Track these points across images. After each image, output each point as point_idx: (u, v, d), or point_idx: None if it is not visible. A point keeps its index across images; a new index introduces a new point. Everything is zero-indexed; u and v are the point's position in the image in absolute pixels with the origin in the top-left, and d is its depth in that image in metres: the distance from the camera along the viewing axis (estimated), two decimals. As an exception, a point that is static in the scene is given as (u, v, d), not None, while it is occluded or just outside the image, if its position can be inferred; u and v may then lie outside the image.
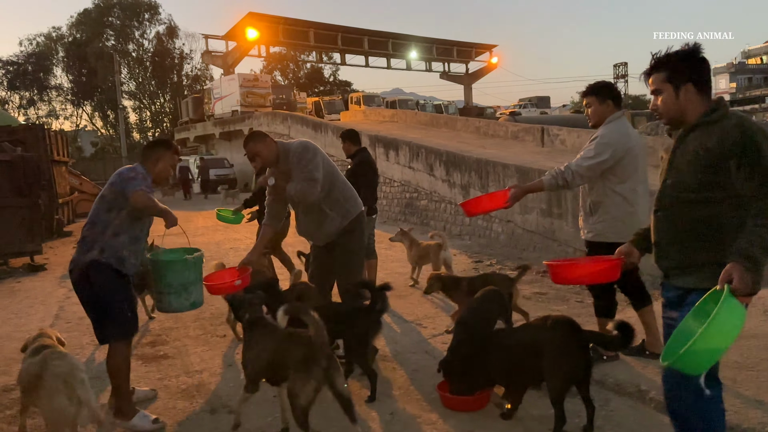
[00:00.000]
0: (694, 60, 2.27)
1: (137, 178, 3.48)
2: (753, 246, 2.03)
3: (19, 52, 47.34)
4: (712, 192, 2.21)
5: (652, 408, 3.43)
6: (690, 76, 2.26)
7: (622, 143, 3.77)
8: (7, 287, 8.07)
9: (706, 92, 2.28)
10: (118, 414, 3.51)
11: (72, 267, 3.53)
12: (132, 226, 3.55)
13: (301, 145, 4.18)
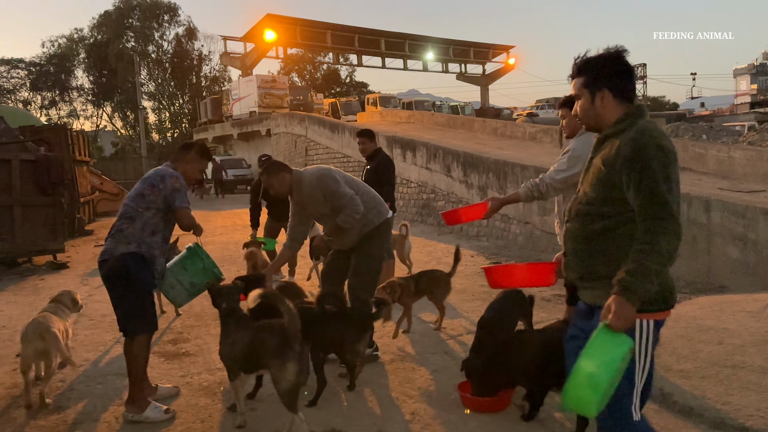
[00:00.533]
0: (612, 66, 2.19)
1: (182, 191, 3.66)
2: (631, 275, 1.95)
3: (42, 54, 48.12)
4: (610, 206, 2.14)
5: (676, 412, 3.40)
6: (607, 83, 2.18)
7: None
8: (31, 284, 8.20)
9: (626, 99, 2.20)
10: (131, 406, 3.57)
11: (106, 257, 3.58)
12: (165, 228, 3.71)
13: (316, 176, 4.22)
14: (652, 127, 2.09)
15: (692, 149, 11.09)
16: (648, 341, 2.07)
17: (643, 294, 1.94)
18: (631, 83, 2.20)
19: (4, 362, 4.79)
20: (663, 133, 2.09)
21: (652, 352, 2.10)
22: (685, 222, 6.65)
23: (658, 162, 1.99)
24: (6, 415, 3.72)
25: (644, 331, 2.06)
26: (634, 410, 2.10)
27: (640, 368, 2.08)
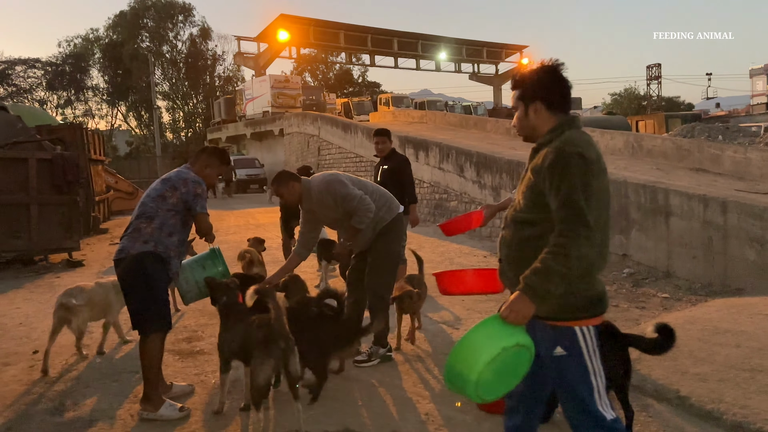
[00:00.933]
0: (545, 79, 2.25)
1: (203, 196, 3.74)
2: (534, 274, 2.03)
3: (58, 54, 48.59)
4: (538, 214, 2.18)
5: (692, 415, 3.37)
6: (540, 95, 2.24)
7: None
8: (47, 282, 8.28)
9: (559, 111, 2.25)
10: (146, 404, 3.60)
11: (123, 255, 3.61)
12: (183, 230, 3.75)
13: (325, 182, 4.30)
14: (578, 137, 2.16)
15: (708, 150, 10.98)
16: (593, 344, 2.15)
17: (544, 294, 2.02)
18: (564, 95, 2.26)
19: (21, 359, 4.84)
20: (589, 143, 2.16)
21: (599, 355, 2.17)
22: (701, 223, 6.59)
23: (577, 170, 2.05)
24: (23, 412, 3.76)
25: (586, 337, 2.14)
26: (603, 410, 2.14)
27: (593, 370, 2.15)
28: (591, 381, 2.14)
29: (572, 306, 2.14)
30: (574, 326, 2.13)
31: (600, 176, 2.13)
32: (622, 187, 7.72)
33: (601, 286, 2.22)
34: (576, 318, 2.14)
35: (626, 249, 7.62)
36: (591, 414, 2.15)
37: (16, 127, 10.20)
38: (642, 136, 13.02)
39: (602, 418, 2.14)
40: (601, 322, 2.22)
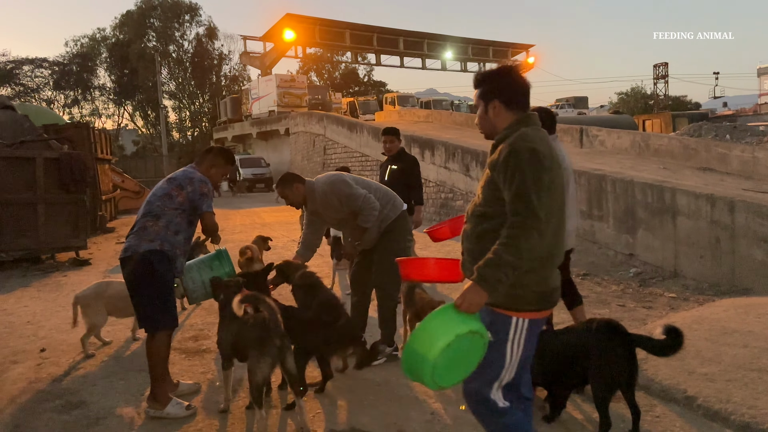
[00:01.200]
0: (503, 79, 2.34)
1: (209, 196, 3.76)
2: (486, 265, 2.11)
3: (65, 53, 48.81)
4: (494, 207, 2.26)
5: (700, 415, 3.35)
6: (498, 94, 2.33)
7: None
8: (54, 281, 8.32)
9: (518, 108, 2.33)
10: (153, 402, 3.62)
11: (129, 254, 3.61)
12: (188, 229, 3.76)
13: (329, 183, 4.33)
14: (533, 133, 2.25)
15: (715, 149, 10.93)
16: (520, 337, 2.23)
17: (495, 284, 2.10)
18: (521, 94, 2.34)
19: (29, 357, 4.87)
20: (543, 139, 2.25)
21: (524, 350, 2.25)
22: (709, 223, 6.55)
23: (529, 164, 2.13)
24: (31, 409, 3.78)
25: (518, 328, 2.23)
26: (495, 398, 2.26)
27: (507, 361, 2.25)
28: (500, 370, 2.25)
29: (519, 297, 2.21)
30: (513, 316, 2.22)
31: (553, 171, 2.19)
32: (629, 186, 7.69)
33: (555, 282, 2.29)
34: (518, 309, 2.22)
35: (633, 248, 7.60)
36: (483, 395, 2.28)
37: (23, 127, 10.25)
38: (649, 136, 12.97)
39: (494, 405, 2.27)
40: (541, 318, 2.28)
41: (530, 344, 2.28)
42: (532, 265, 2.15)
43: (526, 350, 2.27)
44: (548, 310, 2.30)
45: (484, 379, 2.26)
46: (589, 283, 7.00)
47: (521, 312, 2.22)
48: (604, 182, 8.17)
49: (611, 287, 6.74)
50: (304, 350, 3.77)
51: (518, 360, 2.26)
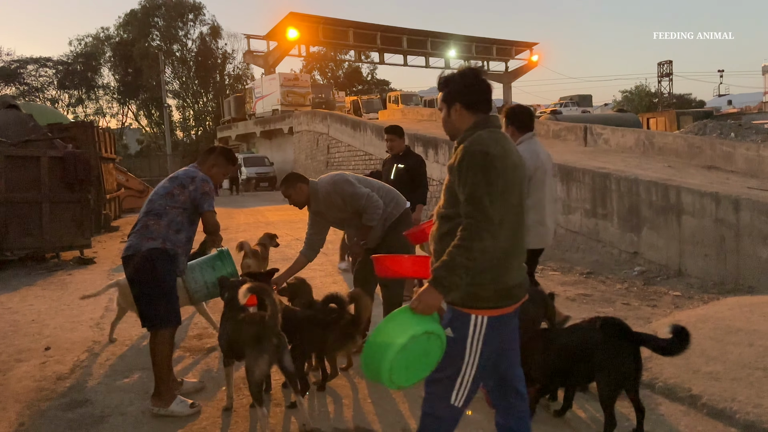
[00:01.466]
0: (464, 83, 2.39)
1: (211, 195, 3.77)
2: (441, 266, 2.17)
3: (69, 53, 48.93)
4: (453, 209, 2.30)
5: (704, 414, 3.34)
6: (459, 97, 2.37)
7: (532, 163, 4.12)
8: (59, 279, 8.34)
9: (479, 111, 2.38)
10: (157, 400, 3.62)
11: (131, 252, 3.62)
12: (190, 228, 3.76)
13: (331, 183, 4.35)
14: (488, 136, 2.28)
15: (720, 147, 10.89)
16: (480, 335, 2.26)
17: (449, 285, 2.15)
18: (482, 97, 2.39)
19: (33, 355, 4.88)
20: (497, 141, 2.28)
21: (483, 347, 2.27)
22: (714, 221, 6.54)
23: (482, 167, 2.18)
24: (36, 408, 3.79)
25: (477, 326, 2.25)
26: (455, 395, 2.29)
27: (468, 358, 2.27)
28: (461, 367, 2.28)
29: (477, 295, 2.25)
30: (471, 314, 2.25)
31: (507, 173, 2.23)
32: (633, 185, 7.67)
33: (515, 280, 2.31)
34: (476, 307, 2.25)
35: (637, 247, 7.58)
36: (442, 393, 2.30)
37: (27, 126, 10.27)
38: (653, 134, 12.93)
39: (447, 399, 2.29)
40: (501, 314, 2.30)
41: (493, 341, 2.30)
42: (489, 264, 2.21)
43: (488, 347, 2.29)
44: (510, 307, 2.32)
45: (446, 374, 2.30)
46: (594, 281, 6.99)
47: (479, 309, 2.26)
48: (608, 181, 8.15)
49: (616, 286, 6.72)
50: (302, 349, 3.77)
51: (479, 357, 2.28)
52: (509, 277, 2.29)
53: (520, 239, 2.34)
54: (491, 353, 2.33)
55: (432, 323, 2.20)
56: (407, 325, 2.17)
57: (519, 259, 2.34)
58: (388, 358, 2.15)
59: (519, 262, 2.34)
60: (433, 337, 2.20)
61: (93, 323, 5.81)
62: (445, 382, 2.30)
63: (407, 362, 2.18)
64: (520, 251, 2.36)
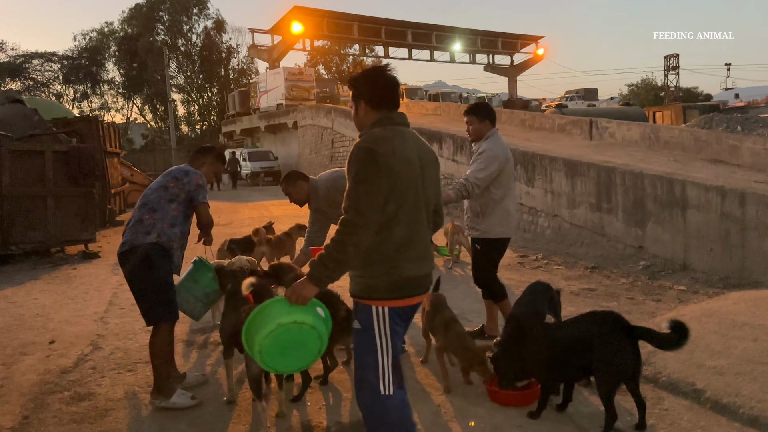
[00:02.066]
0: (368, 81, 2.47)
1: (203, 187, 3.81)
2: (318, 260, 2.26)
3: (74, 47, 49.01)
4: None
5: (708, 408, 3.33)
6: (364, 95, 2.46)
7: (503, 155, 4.38)
8: (64, 274, 8.37)
9: (384, 108, 2.44)
10: (157, 393, 3.64)
11: (127, 248, 3.62)
12: (185, 222, 3.77)
13: (332, 179, 4.44)
14: (379, 133, 2.35)
15: (726, 141, 10.81)
16: (384, 324, 2.33)
17: (322, 278, 2.25)
18: (386, 95, 2.45)
19: (38, 349, 4.90)
20: (388, 139, 2.32)
21: (392, 336, 2.34)
22: (719, 215, 6.50)
23: (362, 164, 2.26)
24: (40, 401, 3.81)
25: (379, 316, 2.33)
26: (382, 385, 2.33)
27: (380, 346, 2.33)
28: (377, 355, 2.33)
29: (373, 287, 2.33)
30: (372, 305, 2.33)
31: (397, 171, 2.27)
32: (639, 179, 7.63)
33: (411, 272, 2.36)
34: (374, 298, 2.33)
35: (642, 241, 7.55)
36: (369, 382, 2.34)
37: (32, 120, 10.30)
38: (659, 128, 12.85)
39: (377, 391, 2.33)
40: (401, 306, 2.36)
41: (397, 330, 2.37)
42: (380, 257, 2.30)
43: (397, 335, 2.37)
44: (409, 299, 2.38)
45: (367, 365, 2.36)
46: (598, 276, 6.96)
47: (376, 301, 2.33)
48: (613, 175, 8.11)
49: (620, 280, 6.70)
50: None
51: (391, 345, 2.34)
52: (405, 270, 2.34)
53: (417, 233, 2.38)
54: (399, 341, 2.40)
55: (305, 315, 2.32)
56: (278, 314, 2.31)
57: (416, 252, 2.37)
58: (257, 341, 2.32)
59: (417, 255, 2.37)
60: (306, 328, 2.33)
61: (97, 317, 5.83)
62: (370, 376, 2.35)
63: (280, 348, 2.34)
64: (418, 245, 2.38)
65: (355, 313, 2.40)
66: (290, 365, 2.45)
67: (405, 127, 2.46)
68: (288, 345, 2.35)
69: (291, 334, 2.33)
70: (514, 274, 7.17)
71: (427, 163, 2.45)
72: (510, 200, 4.48)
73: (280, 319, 2.31)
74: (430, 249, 2.49)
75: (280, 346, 2.34)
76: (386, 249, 2.31)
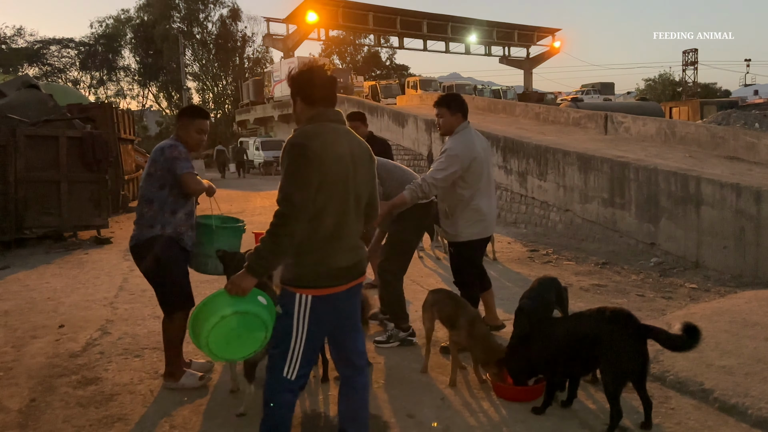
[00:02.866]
0: (302, 80, 2.56)
1: (181, 158, 3.58)
2: (253, 253, 2.36)
3: (90, 34, 49.26)
4: None
5: (716, 408, 3.28)
6: (298, 93, 2.57)
7: (467, 154, 4.07)
8: (76, 258, 8.44)
9: (318, 105, 2.53)
10: (168, 378, 3.72)
11: (134, 242, 3.65)
12: (186, 203, 3.68)
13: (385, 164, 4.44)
14: (311, 129, 2.45)
15: (744, 138, 10.65)
16: (305, 312, 2.41)
17: (257, 268, 2.36)
18: (320, 93, 2.54)
19: (48, 332, 4.95)
20: (319, 135, 2.41)
21: (309, 324, 2.41)
22: (734, 213, 6.41)
23: (292, 159, 2.36)
24: (48, 384, 3.84)
25: (301, 304, 2.41)
26: (287, 369, 2.44)
27: (295, 334, 2.42)
28: (290, 342, 2.42)
29: (300, 276, 2.42)
30: (296, 292, 2.41)
31: (326, 165, 2.36)
32: (653, 174, 7.55)
33: (340, 263, 2.45)
34: (300, 286, 2.41)
35: (654, 238, 7.47)
36: (276, 366, 2.45)
37: (47, 106, 10.37)
38: (675, 123, 12.69)
39: (279, 369, 2.44)
40: (330, 293, 2.43)
41: (320, 318, 2.44)
42: (308, 248, 2.38)
43: (314, 325, 2.43)
44: (336, 288, 2.45)
45: (279, 350, 2.46)
46: (609, 272, 6.90)
47: (302, 289, 2.41)
48: (627, 170, 8.03)
49: (631, 276, 6.64)
50: None
51: (306, 333, 2.42)
52: (333, 261, 2.43)
53: (347, 226, 2.47)
54: (321, 329, 2.48)
55: (246, 304, 2.42)
56: (220, 306, 2.41)
57: (345, 243, 2.47)
58: (203, 334, 2.40)
59: (345, 246, 2.47)
60: (249, 316, 2.42)
61: (107, 302, 5.87)
62: (278, 356, 2.45)
63: (226, 338, 2.43)
64: (347, 236, 2.48)
65: (280, 299, 2.49)
66: (237, 353, 2.53)
67: (339, 124, 2.55)
68: (233, 335, 2.44)
69: (235, 324, 2.42)
70: (523, 268, 7.13)
71: (360, 159, 2.54)
72: (482, 199, 4.21)
73: (223, 311, 2.40)
74: (359, 240, 2.59)
75: (226, 336, 2.43)
76: (316, 239, 2.40)
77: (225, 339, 2.44)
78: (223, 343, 2.45)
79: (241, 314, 2.42)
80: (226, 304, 2.42)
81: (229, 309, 2.41)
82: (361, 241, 2.63)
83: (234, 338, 2.45)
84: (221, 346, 2.46)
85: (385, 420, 3.28)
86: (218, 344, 2.45)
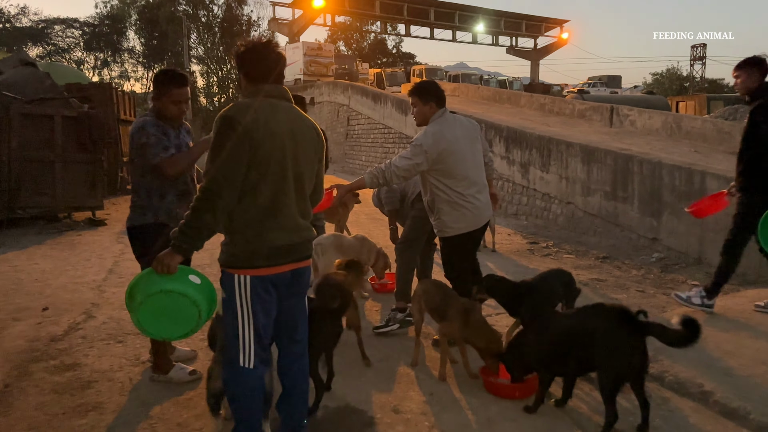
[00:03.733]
0: (243, 55, 2.50)
1: (150, 144, 3.27)
2: (177, 230, 2.32)
3: (95, 14, 48.92)
4: None
5: (716, 411, 3.14)
6: (241, 69, 2.53)
7: (433, 147, 3.78)
8: (68, 240, 8.33)
9: (258, 82, 2.48)
10: (156, 369, 3.56)
11: (130, 224, 3.47)
12: (174, 184, 3.44)
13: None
14: (242, 103, 2.39)
15: (752, 133, 10.47)
16: (246, 293, 2.38)
17: (182, 246, 2.32)
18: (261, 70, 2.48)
19: (31, 314, 4.83)
20: (252, 110, 2.35)
21: (253, 306, 2.38)
22: (739, 209, 6.24)
23: (218, 132, 2.32)
24: (23, 369, 3.72)
25: (241, 285, 2.38)
26: (242, 356, 2.40)
27: (241, 317, 2.38)
28: (237, 326, 2.39)
29: (234, 256, 2.39)
30: (234, 274, 2.38)
31: (258, 141, 2.31)
32: (657, 168, 7.38)
33: (275, 242, 2.40)
34: (236, 267, 2.38)
35: (657, 233, 7.31)
36: (232, 359, 2.42)
37: (44, 84, 10.21)
38: (681, 117, 12.48)
39: (237, 362, 2.40)
40: (270, 274, 2.40)
41: (264, 300, 2.41)
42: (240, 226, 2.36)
43: (260, 305, 2.40)
44: (276, 268, 2.41)
45: (229, 334, 2.43)
46: (609, 266, 6.76)
47: (239, 269, 2.38)
48: (630, 163, 7.86)
49: (632, 272, 6.49)
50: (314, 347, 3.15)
51: (252, 316, 2.39)
52: (268, 239, 2.38)
53: (284, 205, 2.41)
54: (267, 311, 2.43)
55: (173, 283, 2.39)
56: (147, 285, 2.41)
57: (281, 222, 2.41)
58: (132, 310, 2.42)
59: (281, 225, 2.41)
60: (175, 295, 2.39)
61: (95, 285, 5.76)
62: (231, 345, 2.42)
63: (154, 315, 2.42)
64: (283, 216, 2.42)
65: (221, 283, 2.45)
66: (172, 331, 2.50)
67: (280, 101, 2.48)
68: (162, 312, 2.42)
69: (162, 303, 2.40)
70: (522, 261, 6.99)
71: (303, 138, 2.48)
72: (468, 189, 3.87)
73: (148, 290, 2.39)
74: (303, 222, 2.52)
75: (154, 313, 2.41)
76: (248, 217, 2.36)
77: (153, 317, 2.42)
78: (152, 320, 2.43)
79: (166, 293, 2.39)
80: (152, 283, 2.40)
81: (155, 288, 2.39)
82: (308, 223, 2.56)
83: (163, 316, 2.43)
84: (151, 323, 2.45)
85: (370, 415, 3.15)
86: (148, 321, 2.44)
